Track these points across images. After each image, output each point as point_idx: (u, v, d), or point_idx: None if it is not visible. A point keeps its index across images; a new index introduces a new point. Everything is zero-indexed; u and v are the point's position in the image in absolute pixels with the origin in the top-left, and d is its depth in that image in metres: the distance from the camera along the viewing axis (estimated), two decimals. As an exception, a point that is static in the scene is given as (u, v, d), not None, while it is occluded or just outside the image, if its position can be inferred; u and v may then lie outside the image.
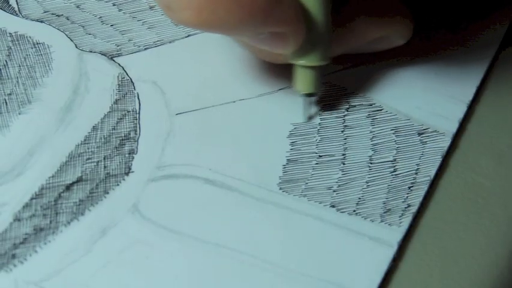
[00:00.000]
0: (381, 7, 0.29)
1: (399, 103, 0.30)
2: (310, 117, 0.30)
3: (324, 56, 0.27)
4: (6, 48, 0.31)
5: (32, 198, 0.27)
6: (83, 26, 0.32)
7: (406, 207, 0.28)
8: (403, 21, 0.30)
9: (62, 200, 0.27)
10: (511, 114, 0.31)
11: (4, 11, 0.33)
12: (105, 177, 0.28)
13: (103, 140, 0.29)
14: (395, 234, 0.27)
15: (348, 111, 0.30)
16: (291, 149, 0.29)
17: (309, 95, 0.29)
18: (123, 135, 0.29)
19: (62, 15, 0.33)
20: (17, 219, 0.27)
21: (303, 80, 0.28)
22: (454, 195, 0.28)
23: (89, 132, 0.29)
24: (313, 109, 0.30)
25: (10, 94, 0.30)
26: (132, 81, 0.31)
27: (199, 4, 0.23)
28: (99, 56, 0.31)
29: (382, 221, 0.27)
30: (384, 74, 0.31)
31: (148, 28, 0.33)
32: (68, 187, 0.27)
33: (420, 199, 0.28)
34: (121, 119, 0.29)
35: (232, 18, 0.23)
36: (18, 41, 0.31)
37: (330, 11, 0.26)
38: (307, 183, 0.28)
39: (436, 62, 0.32)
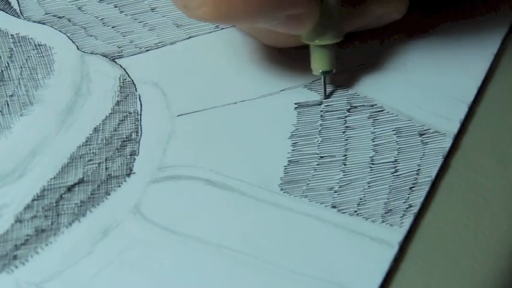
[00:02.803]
0: None
1: (400, 104, 0.30)
2: (328, 96, 0.31)
3: (337, 34, 0.29)
4: (8, 49, 0.31)
5: (33, 200, 0.27)
6: (85, 28, 0.32)
7: (407, 208, 0.28)
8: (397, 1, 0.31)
9: (63, 201, 0.27)
10: (512, 115, 0.31)
11: (6, 12, 0.33)
12: (107, 178, 0.28)
13: (104, 141, 0.29)
14: (397, 235, 0.27)
15: (349, 112, 0.30)
16: (293, 150, 0.29)
17: (326, 72, 0.30)
18: (124, 136, 0.29)
19: (64, 17, 0.33)
20: (19, 220, 0.27)
21: (319, 58, 0.29)
22: (455, 196, 0.28)
23: (90, 134, 0.29)
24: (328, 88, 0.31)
25: (12, 95, 0.30)
26: (133, 83, 0.31)
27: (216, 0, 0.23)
28: (101, 57, 0.31)
29: (383, 222, 0.27)
30: (385, 75, 0.31)
31: (150, 30, 0.33)
32: (70, 188, 0.28)
33: (421, 199, 0.28)
34: (122, 120, 0.29)
35: (249, 7, 0.24)
36: (20, 42, 0.32)
37: None
38: (308, 184, 0.28)
39: (437, 62, 0.32)
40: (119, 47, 0.32)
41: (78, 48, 0.32)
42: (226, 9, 0.24)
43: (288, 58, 0.31)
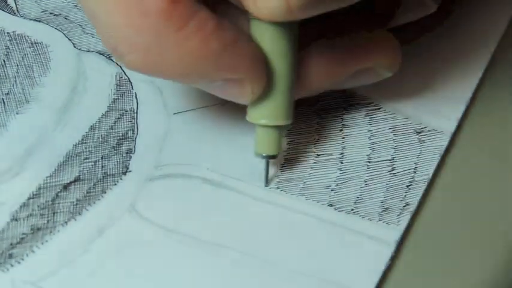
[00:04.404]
0: (359, 40, 0.27)
1: (397, 102, 0.30)
2: (270, 181, 0.28)
3: (288, 114, 0.26)
4: (4, 47, 0.31)
5: (29, 198, 0.27)
6: (81, 26, 0.32)
7: (404, 206, 0.28)
8: (387, 52, 0.28)
9: (59, 200, 0.27)
10: (509, 113, 0.31)
11: (2, 10, 0.33)
12: (103, 176, 0.28)
13: (101, 139, 0.29)
14: (393, 233, 0.27)
15: (346, 110, 0.30)
16: (289, 148, 0.29)
17: (270, 157, 0.27)
18: (120, 134, 0.29)
19: (60, 14, 0.33)
20: (14, 218, 0.27)
21: (265, 140, 0.27)
22: (452, 194, 0.28)
23: (86, 132, 0.29)
24: (273, 171, 0.28)
25: (8, 93, 0.30)
26: (129, 81, 0.31)
27: (145, 46, 0.21)
28: (97, 55, 0.31)
29: (380, 220, 0.27)
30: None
31: (147, 27, 0.32)
32: (66, 187, 0.27)
33: (418, 198, 0.28)
34: (119, 118, 0.29)
35: (181, 62, 0.22)
36: (16, 40, 0.31)
37: (295, 62, 0.25)
38: (305, 182, 0.28)
39: (434, 61, 0.32)
40: (116, 45, 0.32)
41: (74, 46, 0.32)
42: (155, 60, 0.21)
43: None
